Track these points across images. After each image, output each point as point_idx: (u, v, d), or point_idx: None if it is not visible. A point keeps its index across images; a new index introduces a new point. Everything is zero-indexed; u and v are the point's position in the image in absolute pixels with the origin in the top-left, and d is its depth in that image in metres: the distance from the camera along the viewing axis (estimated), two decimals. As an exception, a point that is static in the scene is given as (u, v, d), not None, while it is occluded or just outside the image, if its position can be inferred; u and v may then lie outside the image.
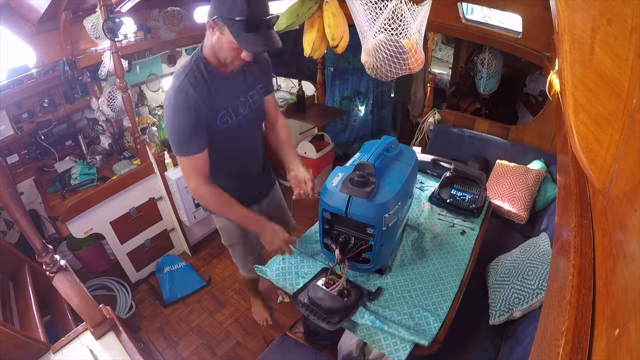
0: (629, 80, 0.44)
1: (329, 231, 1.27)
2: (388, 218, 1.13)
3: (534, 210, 2.13)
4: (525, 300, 1.40)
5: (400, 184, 1.19)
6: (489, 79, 2.82)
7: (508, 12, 2.10)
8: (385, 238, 1.19)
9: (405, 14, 1.11)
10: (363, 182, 1.13)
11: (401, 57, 1.18)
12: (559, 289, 0.67)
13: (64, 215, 2.04)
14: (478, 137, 2.55)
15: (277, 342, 1.64)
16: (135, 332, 2.25)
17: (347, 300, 1.16)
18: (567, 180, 1.00)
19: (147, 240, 2.54)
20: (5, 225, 2.30)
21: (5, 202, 1.17)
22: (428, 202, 1.71)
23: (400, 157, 1.34)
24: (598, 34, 0.46)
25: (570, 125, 0.53)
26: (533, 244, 1.63)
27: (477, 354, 1.49)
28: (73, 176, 2.25)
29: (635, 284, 0.41)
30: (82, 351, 1.46)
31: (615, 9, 0.43)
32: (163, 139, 2.51)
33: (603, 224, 0.61)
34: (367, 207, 1.12)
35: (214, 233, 2.99)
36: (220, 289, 2.53)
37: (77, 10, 2.07)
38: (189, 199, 2.48)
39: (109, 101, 2.23)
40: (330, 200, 1.17)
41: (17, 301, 1.77)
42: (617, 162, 0.48)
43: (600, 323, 0.52)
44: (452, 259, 1.40)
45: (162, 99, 3.13)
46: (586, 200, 0.81)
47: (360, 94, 3.61)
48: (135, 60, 2.62)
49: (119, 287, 2.46)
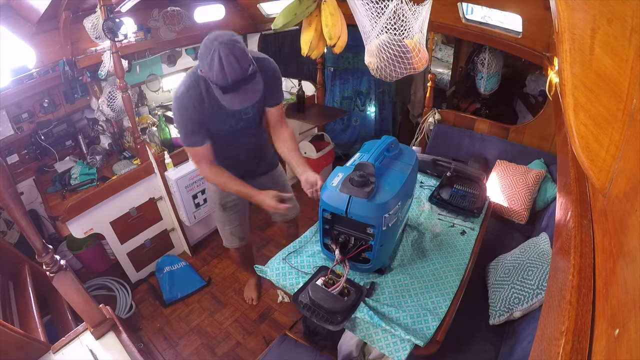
0: (629, 80, 0.44)
1: (329, 231, 1.27)
2: (388, 218, 1.13)
3: (534, 210, 2.13)
4: (525, 300, 1.40)
5: (401, 184, 1.19)
6: (489, 79, 2.82)
7: (508, 12, 2.10)
8: (385, 238, 1.19)
9: (407, 14, 1.11)
10: (363, 182, 1.13)
11: (405, 57, 1.18)
12: (559, 289, 0.67)
13: (64, 215, 2.04)
14: (478, 137, 2.55)
15: (277, 342, 1.64)
16: (135, 332, 2.25)
17: (347, 299, 1.17)
18: (567, 180, 1.00)
19: (147, 240, 2.54)
20: (5, 225, 2.30)
21: (5, 202, 1.17)
22: (428, 202, 1.71)
23: (401, 157, 1.34)
24: (598, 34, 0.46)
25: (570, 125, 0.53)
26: (533, 244, 1.63)
27: (477, 354, 1.49)
28: (73, 176, 2.25)
29: (635, 284, 0.41)
30: (82, 351, 1.46)
31: (615, 9, 0.43)
32: (163, 139, 2.51)
33: (603, 224, 0.61)
34: (367, 207, 1.12)
35: (214, 233, 2.99)
36: (220, 289, 2.53)
37: (77, 10, 2.07)
38: (189, 199, 2.48)
39: (109, 101, 2.22)
40: (330, 200, 1.18)
41: (17, 301, 1.77)
42: (617, 162, 0.48)
43: (600, 323, 0.52)
44: (452, 259, 1.40)
45: (162, 99, 3.13)
46: (586, 200, 0.81)
47: (361, 94, 3.61)
48: (135, 60, 2.62)
49: (119, 287, 2.46)
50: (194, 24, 2.78)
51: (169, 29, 2.61)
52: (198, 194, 2.51)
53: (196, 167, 1.59)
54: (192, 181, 2.44)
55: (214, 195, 1.83)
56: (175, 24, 2.61)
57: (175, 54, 2.99)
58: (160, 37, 2.61)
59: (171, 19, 2.58)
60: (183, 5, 2.64)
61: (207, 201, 2.59)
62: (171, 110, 3.16)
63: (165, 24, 2.58)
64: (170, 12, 2.56)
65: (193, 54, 3.16)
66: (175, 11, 2.57)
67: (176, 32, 2.65)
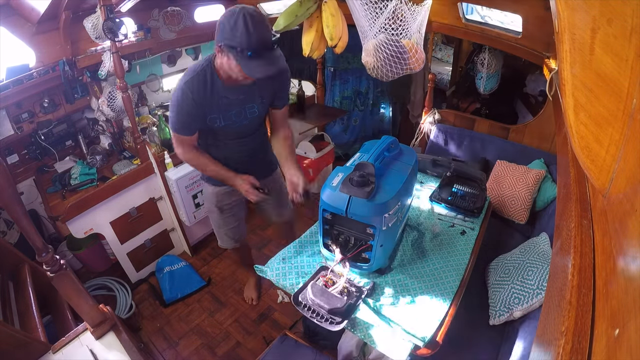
0: (629, 80, 0.44)
1: (329, 231, 1.27)
2: (388, 218, 1.13)
3: (534, 210, 2.13)
4: (525, 300, 1.40)
5: (400, 184, 1.19)
6: (489, 79, 2.82)
7: (508, 12, 2.10)
8: (385, 238, 1.19)
9: (406, 14, 1.11)
10: (363, 182, 1.13)
11: (402, 57, 1.18)
12: (559, 289, 0.67)
13: (64, 215, 2.04)
14: (478, 137, 2.55)
15: (277, 342, 1.64)
16: (135, 332, 2.25)
17: (348, 299, 1.17)
18: (567, 180, 1.00)
19: (147, 240, 2.54)
20: (5, 225, 2.29)
21: (5, 202, 1.17)
22: (428, 202, 1.71)
23: (400, 157, 1.34)
24: (598, 34, 0.46)
25: (570, 125, 0.53)
26: (533, 244, 1.63)
27: (477, 354, 1.49)
28: (73, 176, 2.25)
29: (635, 284, 0.41)
30: (82, 351, 1.46)
31: (615, 9, 0.43)
32: (163, 139, 2.51)
33: (603, 224, 0.61)
34: (367, 207, 1.12)
35: (214, 233, 2.99)
36: (220, 289, 2.53)
37: (77, 10, 2.07)
38: (189, 199, 2.48)
39: (109, 101, 2.22)
40: (330, 200, 1.18)
41: (17, 301, 1.77)
42: (617, 162, 0.48)
43: (600, 323, 0.52)
44: (452, 258, 1.40)
45: (162, 99, 3.13)
46: (586, 200, 0.81)
47: (360, 94, 3.61)
48: (135, 60, 2.62)
49: (119, 287, 2.46)
50: (194, 24, 2.78)
51: (169, 29, 2.61)
52: (198, 194, 2.51)
53: (176, 151, 1.55)
54: (192, 181, 2.44)
55: (212, 198, 1.81)
56: (175, 24, 2.61)
57: (175, 54, 2.99)
58: (160, 37, 2.61)
59: (171, 19, 2.58)
60: (183, 5, 2.64)
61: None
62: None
63: (165, 24, 2.58)
64: (170, 12, 2.56)
65: (193, 54, 3.16)
66: (175, 11, 2.57)
67: (176, 32, 2.65)
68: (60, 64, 2.17)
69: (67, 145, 2.50)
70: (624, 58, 0.44)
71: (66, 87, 2.27)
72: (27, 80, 2.07)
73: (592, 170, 0.52)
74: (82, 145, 2.50)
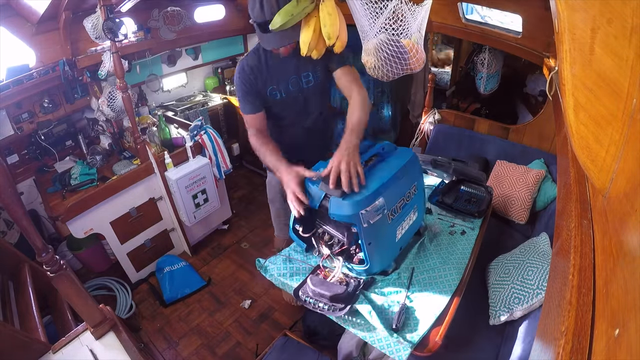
0: (629, 80, 0.44)
1: (308, 221, 1.30)
2: (366, 214, 1.13)
3: (534, 210, 2.13)
4: (525, 300, 1.40)
5: (381, 182, 1.19)
6: (489, 79, 2.82)
7: (508, 12, 2.10)
8: (371, 236, 1.18)
9: (406, 14, 1.11)
10: (338, 181, 1.16)
11: (402, 57, 1.18)
12: (559, 289, 0.67)
13: (64, 215, 2.04)
14: (478, 137, 2.55)
15: (277, 342, 1.64)
16: (135, 332, 2.25)
17: (347, 287, 1.18)
18: (567, 180, 1.00)
19: (147, 240, 2.54)
20: (5, 225, 2.29)
21: (5, 202, 1.17)
22: (428, 202, 1.71)
23: (389, 157, 1.34)
24: (598, 34, 0.46)
25: (570, 125, 0.53)
26: (533, 244, 1.63)
27: (477, 354, 1.49)
28: (73, 176, 2.25)
29: (635, 284, 0.41)
30: (82, 351, 1.46)
31: (615, 9, 0.43)
32: (163, 139, 2.51)
33: (603, 224, 0.61)
34: (342, 205, 1.15)
35: (214, 233, 3.00)
36: (220, 289, 2.53)
37: (77, 10, 2.07)
38: (189, 199, 2.48)
39: (109, 101, 2.22)
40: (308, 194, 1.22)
41: (17, 301, 1.77)
42: (617, 162, 0.48)
43: (600, 323, 0.52)
44: (452, 259, 1.40)
45: (162, 99, 3.14)
46: (586, 200, 0.81)
47: (360, 94, 3.59)
48: (135, 60, 2.63)
49: (119, 287, 2.46)
50: (194, 24, 2.79)
51: (169, 29, 2.61)
52: (198, 194, 2.51)
53: (248, 131, 1.60)
54: (192, 181, 2.44)
55: (277, 186, 1.82)
56: (175, 24, 2.61)
57: (175, 54, 2.99)
58: (160, 37, 2.61)
59: (171, 19, 2.58)
60: (183, 5, 2.64)
61: (209, 200, 2.59)
62: (170, 110, 3.16)
63: (165, 24, 2.58)
64: (170, 12, 2.56)
65: (193, 54, 3.16)
66: (175, 11, 2.57)
67: (176, 32, 2.65)
68: (60, 64, 2.17)
69: (67, 145, 2.50)
70: (624, 58, 0.44)
71: (66, 87, 2.28)
72: (27, 80, 2.08)
73: (592, 170, 0.52)
74: (82, 145, 2.50)
